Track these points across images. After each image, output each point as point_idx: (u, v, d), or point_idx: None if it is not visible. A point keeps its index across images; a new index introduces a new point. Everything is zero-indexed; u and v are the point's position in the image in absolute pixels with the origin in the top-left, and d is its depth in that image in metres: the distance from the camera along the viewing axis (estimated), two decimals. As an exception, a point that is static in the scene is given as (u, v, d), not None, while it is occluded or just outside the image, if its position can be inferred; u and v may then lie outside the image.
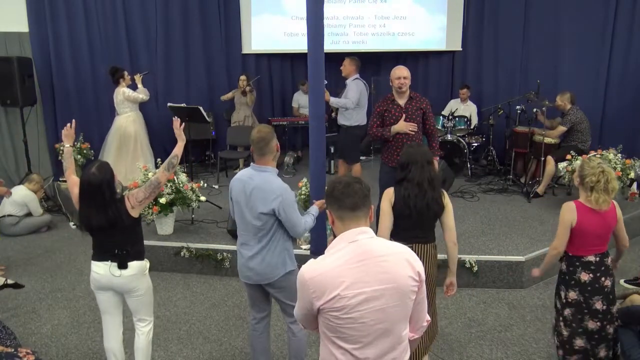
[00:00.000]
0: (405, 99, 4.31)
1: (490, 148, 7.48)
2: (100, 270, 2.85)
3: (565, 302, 2.97)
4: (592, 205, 2.86)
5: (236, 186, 2.90)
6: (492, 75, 8.08)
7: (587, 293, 2.90)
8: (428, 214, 2.85)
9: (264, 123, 8.00)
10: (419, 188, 2.82)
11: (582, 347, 2.96)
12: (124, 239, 2.83)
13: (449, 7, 8.18)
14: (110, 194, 2.75)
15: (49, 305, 4.29)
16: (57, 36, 7.28)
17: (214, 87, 8.26)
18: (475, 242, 4.86)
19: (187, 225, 5.33)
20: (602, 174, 2.82)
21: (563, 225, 2.90)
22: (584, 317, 2.92)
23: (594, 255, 2.92)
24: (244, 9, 8.23)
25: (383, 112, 4.33)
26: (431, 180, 2.84)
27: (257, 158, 2.85)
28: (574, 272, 2.93)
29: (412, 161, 2.86)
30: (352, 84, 5.62)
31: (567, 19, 7.32)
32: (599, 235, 2.91)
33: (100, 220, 2.74)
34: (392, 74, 4.33)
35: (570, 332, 2.98)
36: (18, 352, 2.88)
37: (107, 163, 2.89)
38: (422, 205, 2.81)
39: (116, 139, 6.64)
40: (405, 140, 4.24)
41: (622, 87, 7.19)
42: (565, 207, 2.93)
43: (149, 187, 2.91)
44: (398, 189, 2.89)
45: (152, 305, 3.11)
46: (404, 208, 2.84)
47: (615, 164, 5.26)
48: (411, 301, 1.77)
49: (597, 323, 2.92)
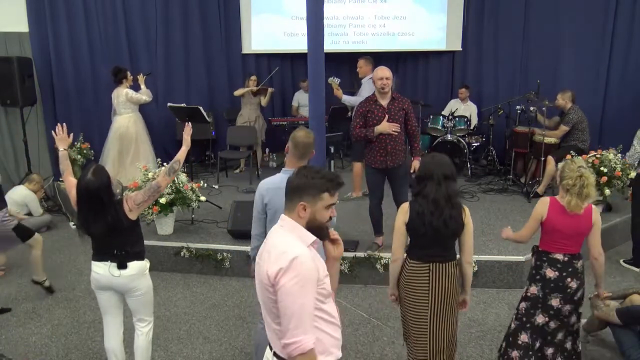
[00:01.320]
0: (387, 99, 4.31)
1: (490, 148, 7.48)
2: (100, 271, 2.86)
3: (524, 295, 3.01)
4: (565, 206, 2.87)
5: (276, 195, 2.68)
6: (492, 75, 8.08)
7: (547, 289, 2.92)
8: (446, 232, 2.63)
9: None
10: (434, 205, 2.60)
11: (525, 343, 2.98)
12: (123, 240, 2.83)
13: (449, 7, 8.17)
14: (108, 198, 2.74)
15: (49, 305, 4.29)
16: (57, 36, 7.28)
17: (214, 87, 8.27)
18: (475, 242, 4.76)
19: (187, 225, 5.33)
20: (579, 179, 2.80)
21: (533, 216, 2.99)
22: (535, 312, 2.95)
23: (562, 254, 2.92)
24: (244, 9, 8.23)
25: (366, 112, 4.33)
26: (449, 197, 2.61)
27: (295, 161, 2.77)
28: (540, 267, 2.96)
29: (428, 176, 2.63)
30: (367, 83, 5.78)
31: (567, 19, 7.33)
32: (567, 236, 2.90)
33: (99, 226, 2.74)
34: (375, 74, 4.34)
35: (517, 326, 3.02)
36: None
37: (102, 167, 2.88)
38: (438, 223, 2.60)
39: (117, 140, 6.62)
40: (388, 140, 4.26)
41: (622, 87, 7.20)
42: (540, 200, 2.99)
43: (148, 191, 2.90)
44: (413, 205, 2.68)
45: (153, 306, 3.11)
46: (419, 226, 2.64)
47: (615, 164, 5.26)
48: (270, 300, 1.77)
49: (545, 318, 2.94)
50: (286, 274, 1.70)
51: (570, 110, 6.07)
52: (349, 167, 7.35)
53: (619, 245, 5.33)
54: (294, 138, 2.81)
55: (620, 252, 5.18)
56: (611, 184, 5.24)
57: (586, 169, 2.88)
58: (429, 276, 2.68)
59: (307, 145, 2.79)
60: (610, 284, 4.44)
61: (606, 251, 5.16)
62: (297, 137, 2.80)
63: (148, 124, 7.03)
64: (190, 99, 7.85)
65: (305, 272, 1.72)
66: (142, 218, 4.50)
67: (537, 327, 2.97)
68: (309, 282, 1.73)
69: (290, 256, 1.72)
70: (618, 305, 3.44)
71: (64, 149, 3.17)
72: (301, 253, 1.74)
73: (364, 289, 4.43)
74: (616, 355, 3.36)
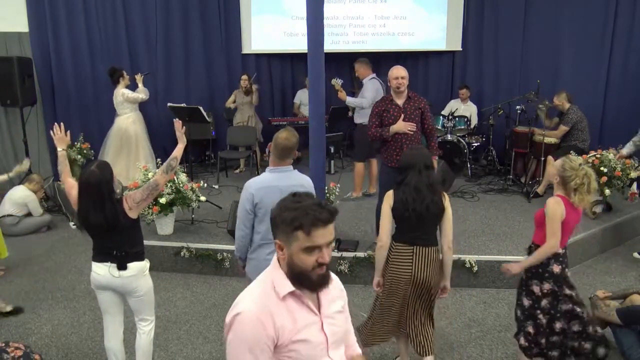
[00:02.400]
0: (403, 98, 4.31)
1: (490, 148, 7.48)
2: (100, 271, 2.86)
3: (541, 294, 2.99)
4: (573, 203, 2.90)
5: (267, 194, 2.76)
6: (492, 75, 8.08)
7: (559, 283, 2.95)
8: (428, 216, 2.85)
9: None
10: (416, 192, 2.82)
11: (561, 328, 3.01)
12: (123, 240, 2.82)
13: (449, 7, 8.17)
14: (108, 193, 2.74)
15: (49, 305, 4.29)
16: (57, 36, 7.28)
17: (214, 87, 8.26)
18: (475, 242, 4.86)
19: (187, 225, 5.33)
20: (586, 177, 2.87)
21: (554, 219, 2.86)
22: (559, 302, 2.98)
23: (563, 248, 2.96)
24: (244, 9, 8.22)
25: (381, 112, 4.33)
26: (430, 184, 2.85)
27: (278, 161, 2.85)
28: (547, 265, 2.95)
29: (410, 165, 2.87)
30: (369, 83, 5.81)
31: (567, 19, 7.33)
32: (570, 230, 2.98)
33: (98, 218, 2.72)
34: (390, 74, 4.34)
35: (549, 319, 3.02)
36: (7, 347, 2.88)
37: (107, 163, 2.89)
38: (421, 208, 2.82)
39: (116, 140, 6.64)
40: (404, 140, 4.25)
41: (622, 87, 7.20)
42: (554, 201, 2.90)
43: (147, 189, 2.88)
44: (397, 192, 2.90)
45: (154, 305, 3.11)
46: (402, 211, 2.85)
47: (616, 164, 5.27)
48: None
49: (570, 305, 2.99)
50: (228, 331, 1.48)
51: (569, 110, 6.09)
52: (349, 167, 7.36)
53: (617, 246, 5.34)
54: (275, 139, 2.88)
55: (618, 253, 5.19)
56: (611, 184, 5.24)
57: (586, 165, 2.97)
58: (412, 258, 2.88)
59: (285, 147, 2.83)
60: (610, 284, 4.45)
61: (606, 251, 5.23)
62: (277, 138, 2.86)
63: (148, 124, 7.03)
64: (190, 99, 7.85)
65: (242, 334, 1.43)
66: (142, 218, 4.50)
67: (566, 313, 3.00)
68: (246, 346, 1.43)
69: (234, 311, 1.48)
70: (618, 305, 3.45)
71: (63, 149, 3.13)
72: (245, 310, 1.45)
73: (364, 289, 4.43)
74: (616, 355, 3.36)
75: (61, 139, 3.15)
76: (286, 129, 2.95)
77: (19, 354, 2.90)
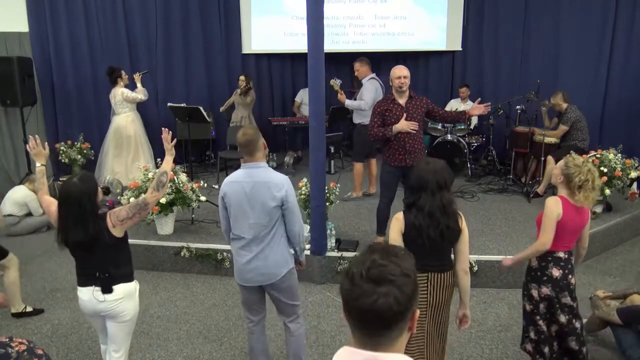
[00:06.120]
0: (405, 98, 4.32)
1: (490, 148, 7.48)
2: (85, 297, 2.65)
3: (539, 298, 2.98)
4: (577, 202, 2.86)
5: (231, 189, 2.86)
6: (492, 75, 8.08)
7: (557, 288, 2.91)
8: (442, 242, 2.60)
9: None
10: (430, 218, 2.54)
11: (557, 331, 3.01)
12: (106, 260, 2.59)
13: (449, 7, 8.18)
14: (90, 208, 2.51)
15: (49, 305, 4.29)
16: (57, 36, 7.28)
17: (214, 87, 8.26)
18: (475, 242, 4.86)
19: (187, 225, 5.33)
20: (590, 173, 2.83)
21: (550, 218, 2.84)
22: (555, 311, 2.95)
23: (563, 251, 2.92)
24: (244, 9, 8.22)
25: (384, 111, 4.34)
26: (443, 207, 2.55)
27: (247, 158, 2.89)
28: (545, 268, 2.94)
29: (422, 187, 2.56)
30: (368, 84, 5.79)
31: (567, 19, 7.33)
32: (573, 232, 2.92)
33: (78, 235, 2.49)
34: (392, 73, 4.34)
35: (547, 323, 3.02)
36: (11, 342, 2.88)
37: (91, 175, 2.70)
38: (435, 235, 2.55)
39: (115, 140, 6.64)
40: (406, 139, 4.26)
41: (622, 86, 7.19)
42: (552, 200, 2.88)
43: (134, 207, 2.64)
44: (408, 216, 2.61)
45: (131, 335, 2.86)
46: (416, 237, 2.58)
47: (616, 164, 5.26)
48: None
49: (567, 316, 2.95)
50: None
51: (567, 109, 6.09)
52: (349, 167, 7.36)
53: (617, 246, 5.33)
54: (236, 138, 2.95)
55: (618, 253, 5.19)
56: (611, 184, 5.24)
57: (589, 163, 2.93)
58: (427, 286, 2.64)
59: (246, 143, 2.85)
60: (610, 284, 4.44)
61: (606, 251, 5.22)
62: (237, 137, 2.92)
63: (148, 124, 7.03)
64: (190, 99, 7.85)
65: None
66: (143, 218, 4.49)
67: (562, 325, 2.97)
68: None
69: None
70: (618, 305, 3.45)
71: (42, 164, 2.85)
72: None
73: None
74: (616, 355, 3.36)
75: (39, 153, 2.88)
76: (244, 127, 3.05)
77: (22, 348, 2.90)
